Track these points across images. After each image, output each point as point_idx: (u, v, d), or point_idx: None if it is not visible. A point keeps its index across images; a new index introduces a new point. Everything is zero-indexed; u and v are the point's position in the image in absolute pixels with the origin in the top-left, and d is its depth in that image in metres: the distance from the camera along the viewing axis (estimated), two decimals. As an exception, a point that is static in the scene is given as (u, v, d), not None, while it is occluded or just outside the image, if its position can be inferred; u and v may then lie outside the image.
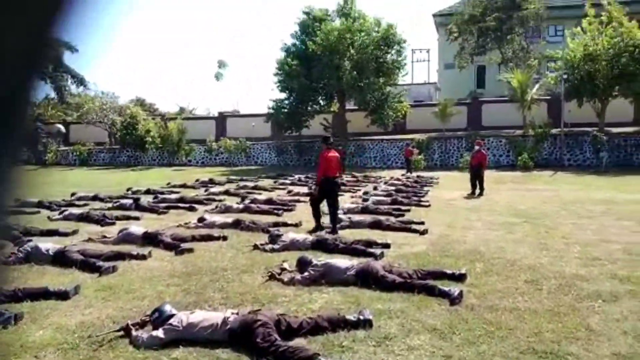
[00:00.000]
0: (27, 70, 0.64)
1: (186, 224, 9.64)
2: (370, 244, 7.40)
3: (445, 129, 31.47)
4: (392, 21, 31.48)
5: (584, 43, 28.10)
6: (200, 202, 13.50)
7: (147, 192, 16.43)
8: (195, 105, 61.28)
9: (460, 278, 5.56)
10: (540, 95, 30.50)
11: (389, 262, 6.18)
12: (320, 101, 34.07)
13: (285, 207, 12.12)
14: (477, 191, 15.41)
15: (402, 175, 23.42)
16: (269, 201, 12.88)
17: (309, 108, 33.61)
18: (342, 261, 5.86)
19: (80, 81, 44.26)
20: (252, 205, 11.97)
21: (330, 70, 29.35)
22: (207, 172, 27.97)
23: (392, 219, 10.03)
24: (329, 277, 5.49)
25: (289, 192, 15.99)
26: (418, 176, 22.90)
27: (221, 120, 41.85)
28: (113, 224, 9.99)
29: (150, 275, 5.93)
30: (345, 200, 14.04)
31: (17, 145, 0.66)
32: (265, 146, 34.88)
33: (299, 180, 21.48)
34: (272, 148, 34.26)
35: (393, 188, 16.75)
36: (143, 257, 6.73)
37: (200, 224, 9.46)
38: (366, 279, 5.37)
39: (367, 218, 9.78)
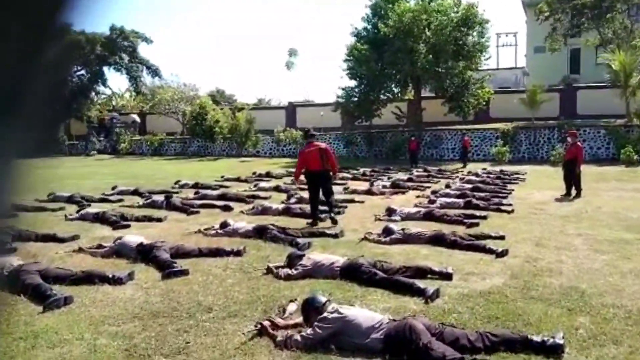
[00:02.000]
0: (31, 59, 0.61)
1: (206, 229, 8.09)
2: (423, 271, 5.40)
3: (534, 118, 28.08)
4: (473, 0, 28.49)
5: None
6: (242, 200, 12.01)
7: (195, 186, 15.24)
8: (272, 96, 60.70)
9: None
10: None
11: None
12: (394, 88, 31.75)
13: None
14: (573, 192, 12.72)
15: (483, 169, 20.75)
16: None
17: (381, 96, 31.43)
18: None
19: (155, 72, 44.95)
20: (294, 206, 10.23)
21: (403, 55, 26.91)
22: (272, 164, 26.79)
23: (462, 231, 7.88)
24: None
25: (346, 188, 14.09)
26: (501, 171, 20.14)
27: (291, 110, 40.64)
28: (128, 226, 8.67)
29: (106, 313, 4.36)
30: (410, 201, 11.96)
31: (22, 137, 0.63)
32: (334, 136, 33.11)
33: (363, 174, 19.48)
34: (341, 138, 32.42)
35: (469, 186, 14.36)
36: (118, 282, 5.19)
37: (221, 231, 7.87)
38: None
39: (428, 230, 7.69)
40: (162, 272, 5.59)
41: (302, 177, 9.44)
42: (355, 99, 30.63)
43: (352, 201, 11.82)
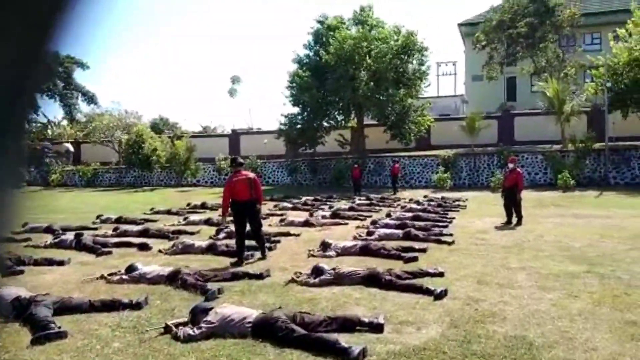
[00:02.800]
0: (22, 86, 0.62)
1: (110, 275, 7.03)
2: (351, 323, 4.63)
3: (473, 145, 28.46)
4: (412, 28, 28.90)
5: (630, 47, 24.87)
6: (165, 236, 10.96)
7: (117, 220, 14.00)
8: (218, 124, 59.30)
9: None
10: (579, 106, 27.26)
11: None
12: (337, 116, 31.56)
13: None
14: (514, 219, 12.45)
15: (424, 197, 20.50)
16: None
17: (325, 123, 31.12)
18: None
19: (90, 99, 43.00)
20: (221, 242, 9.29)
21: (345, 82, 26.76)
22: (211, 194, 25.62)
23: (399, 267, 7.20)
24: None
25: (282, 220, 13.28)
26: (443, 198, 19.97)
27: (235, 137, 39.69)
28: (20, 272, 7.46)
29: None
30: (349, 232, 11.28)
31: (12, 164, 0.64)
32: (277, 165, 32.40)
33: (304, 203, 18.77)
34: (284, 166, 31.71)
35: (410, 215, 13.90)
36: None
37: (126, 276, 6.84)
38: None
39: (363, 267, 6.98)
40: (33, 335, 4.54)
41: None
42: (299, 126, 30.15)
43: (287, 234, 11.01)
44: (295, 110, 30.65)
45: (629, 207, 15.74)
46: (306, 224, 12.60)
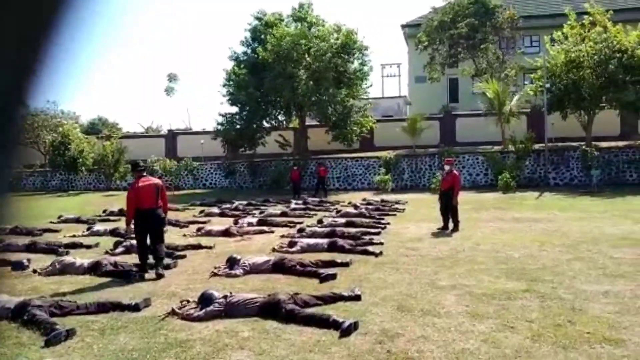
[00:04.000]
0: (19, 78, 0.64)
1: None
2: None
3: (415, 146, 27.92)
4: (353, 27, 27.99)
5: (566, 49, 24.97)
6: (53, 251, 9.39)
7: (13, 230, 12.21)
8: (159, 124, 56.55)
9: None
10: (519, 107, 27.23)
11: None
12: (279, 116, 30.33)
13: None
14: (451, 225, 11.60)
15: (362, 200, 19.55)
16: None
17: (265, 123, 29.82)
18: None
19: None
20: (108, 261, 7.82)
21: (283, 81, 25.51)
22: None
23: (306, 293, 6.05)
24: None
25: (199, 229, 11.89)
26: (382, 201, 19.09)
27: (171, 138, 37.68)
28: None
29: None
30: (271, 243, 10.05)
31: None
32: (215, 166, 30.76)
33: (235, 209, 17.40)
34: (222, 168, 30.12)
35: (343, 221, 12.84)
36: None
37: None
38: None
39: (261, 295, 5.80)
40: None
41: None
42: (237, 126, 28.67)
43: (198, 247, 9.67)
44: (234, 109, 29.20)
45: (570, 209, 15.32)
46: (226, 233, 11.29)
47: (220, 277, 7.20)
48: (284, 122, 30.66)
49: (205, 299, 5.49)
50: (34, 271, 7.63)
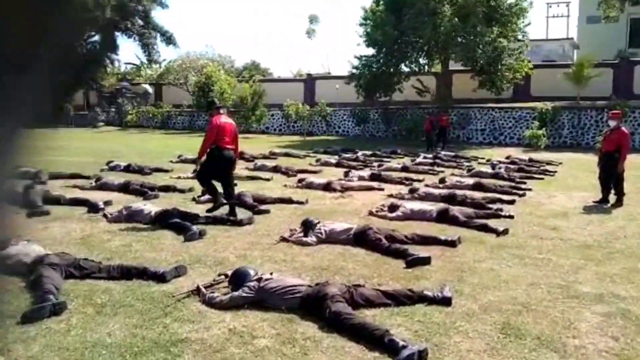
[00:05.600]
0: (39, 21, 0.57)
1: None
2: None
3: (580, 97, 23.61)
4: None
5: None
6: (142, 193, 8.93)
7: (126, 168, 12.30)
8: (302, 68, 56.57)
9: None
10: None
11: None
12: (419, 59, 27.72)
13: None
14: (612, 198, 8.91)
15: (506, 158, 16.82)
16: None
17: (404, 67, 27.51)
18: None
19: (169, 39, 42.16)
20: (171, 211, 6.89)
21: (424, 18, 22.85)
22: (272, 142, 23.63)
23: (371, 288, 4.42)
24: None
25: (301, 181, 10.67)
26: (530, 160, 16.22)
27: (310, 82, 37.15)
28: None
29: None
30: (374, 203, 8.49)
31: (20, 105, 0.61)
32: (348, 113, 29.49)
33: (356, 159, 15.99)
34: (355, 115, 28.70)
35: (470, 182, 10.72)
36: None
37: None
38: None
39: (306, 279, 4.36)
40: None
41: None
42: (373, 69, 26.82)
43: (287, 201, 8.47)
44: (370, 51, 27.30)
45: None
46: (327, 187, 9.95)
47: (289, 243, 5.89)
48: (425, 66, 27.97)
49: (236, 278, 4.21)
50: (104, 216, 7.07)
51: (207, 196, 8.52)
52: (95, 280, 4.50)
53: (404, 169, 13.57)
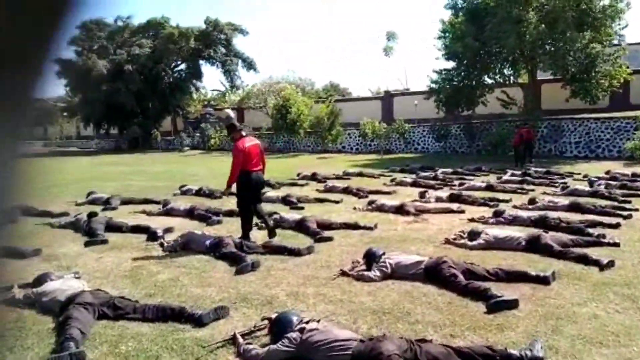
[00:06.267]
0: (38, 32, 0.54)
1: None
2: None
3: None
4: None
5: None
6: (204, 219, 8.62)
7: (197, 192, 12.22)
8: (379, 86, 55.94)
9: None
10: None
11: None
12: (503, 70, 26.20)
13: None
14: None
15: (605, 173, 15.07)
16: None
17: (487, 79, 26.12)
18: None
19: (249, 65, 43.33)
20: (226, 240, 6.42)
21: (507, 26, 21.45)
22: (348, 162, 23.16)
23: (438, 344, 3.61)
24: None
25: (371, 203, 9.91)
26: (633, 175, 14.39)
27: (387, 99, 36.46)
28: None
29: None
30: (453, 229, 7.62)
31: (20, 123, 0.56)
32: (428, 129, 28.37)
33: (435, 177, 15.00)
34: (434, 131, 27.52)
35: (566, 202, 9.44)
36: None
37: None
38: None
39: (357, 332, 3.64)
40: None
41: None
42: (454, 83, 25.67)
43: (354, 227, 7.77)
44: (449, 65, 26.19)
45: None
46: (400, 210, 9.14)
47: (350, 278, 5.20)
48: (510, 77, 26.35)
49: (277, 327, 3.59)
50: (161, 245, 6.78)
51: (271, 222, 8.08)
52: (129, 322, 4.07)
53: (489, 187, 12.41)
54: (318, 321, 3.62)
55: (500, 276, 5.08)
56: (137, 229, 7.77)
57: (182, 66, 43.43)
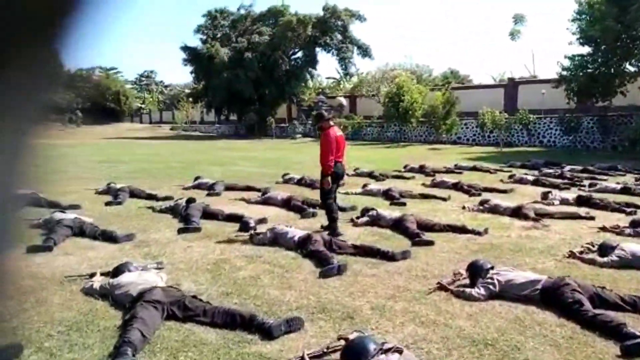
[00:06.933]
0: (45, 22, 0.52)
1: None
2: None
3: None
4: None
5: None
6: (300, 210, 8.26)
7: (299, 181, 11.98)
8: (504, 71, 52.01)
9: None
10: None
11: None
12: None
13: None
14: None
15: None
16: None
17: (629, 67, 23.07)
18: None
19: (365, 51, 42.69)
20: (315, 237, 5.94)
21: (658, 5, 18.58)
22: (461, 154, 21.88)
23: None
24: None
25: (483, 203, 8.87)
26: None
27: (512, 87, 33.85)
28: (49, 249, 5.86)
29: None
30: (579, 239, 6.54)
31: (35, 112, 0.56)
32: (555, 121, 25.79)
33: (560, 176, 13.39)
34: (562, 123, 24.90)
35: None
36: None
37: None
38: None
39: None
40: None
41: None
42: (589, 70, 23.01)
43: (461, 230, 6.91)
44: (584, 50, 23.46)
45: None
46: (516, 212, 8.07)
47: (449, 293, 4.48)
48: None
49: (349, 356, 3.03)
50: (251, 236, 6.51)
51: (365, 218, 7.52)
52: (196, 325, 3.77)
53: (625, 190, 10.69)
54: (400, 352, 3.00)
55: (638, 305, 4.07)
56: (231, 218, 7.64)
57: (299, 54, 43.97)
